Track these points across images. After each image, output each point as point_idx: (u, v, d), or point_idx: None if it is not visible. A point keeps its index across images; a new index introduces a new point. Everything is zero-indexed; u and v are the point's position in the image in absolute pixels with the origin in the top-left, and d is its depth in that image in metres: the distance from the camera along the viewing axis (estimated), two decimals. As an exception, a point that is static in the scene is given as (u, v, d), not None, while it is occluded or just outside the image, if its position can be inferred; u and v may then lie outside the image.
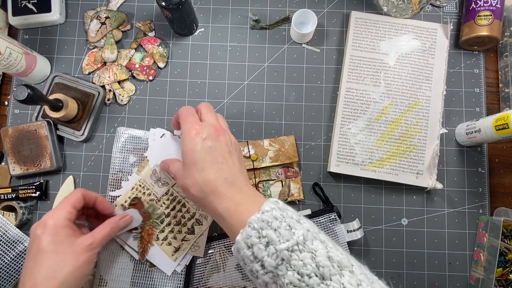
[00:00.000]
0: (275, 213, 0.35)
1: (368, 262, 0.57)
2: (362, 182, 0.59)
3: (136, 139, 0.57)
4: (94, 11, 0.62)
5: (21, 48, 0.56)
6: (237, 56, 0.62)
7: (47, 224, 0.41)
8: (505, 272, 0.54)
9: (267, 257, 0.33)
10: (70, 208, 0.43)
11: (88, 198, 0.47)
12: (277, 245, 0.33)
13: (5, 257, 0.51)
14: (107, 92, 0.60)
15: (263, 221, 0.34)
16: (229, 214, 0.38)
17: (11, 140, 0.57)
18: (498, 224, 0.53)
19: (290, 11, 0.63)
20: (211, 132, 0.42)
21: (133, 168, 0.56)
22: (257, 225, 0.34)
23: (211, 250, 0.55)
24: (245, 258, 0.34)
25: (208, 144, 0.41)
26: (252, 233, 0.34)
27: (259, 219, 0.34)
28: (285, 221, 0.34)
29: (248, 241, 0.34)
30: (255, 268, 0.33)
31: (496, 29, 0.57)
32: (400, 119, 0.58)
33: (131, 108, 0.61)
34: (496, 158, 0.60)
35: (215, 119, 0.45)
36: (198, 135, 0.41)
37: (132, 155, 0.57)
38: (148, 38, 0.62)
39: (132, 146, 0.57)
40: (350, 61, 0.60)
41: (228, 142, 0.43)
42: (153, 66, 0.61)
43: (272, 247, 0.33)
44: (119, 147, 0.57)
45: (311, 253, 0.32)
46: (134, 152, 0.57)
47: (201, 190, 0.40)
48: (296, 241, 0.33)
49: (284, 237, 0.33)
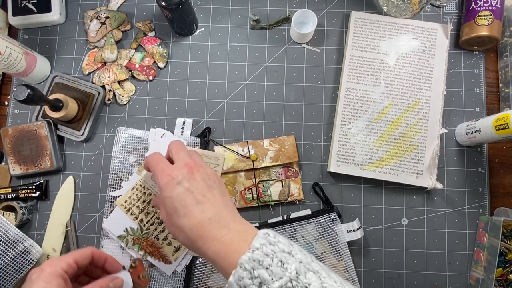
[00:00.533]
0: (266, 250, 0.34)
1: (368, 262, 0.57)
2: (362, 182, 0.59)
3: (136, 139, 0.57)
4: (94, 11, 0.62)
5: (21, 48, 0.56)
6: (237, 56, 0.62)
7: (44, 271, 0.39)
8: (505, 272, 0.54)
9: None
10: (72, 261, 0.41)
11: (98, 256, 0.44)
12: (270, 284, 0.32)
13: (5, 257, 0.51)
14: (107, 92, 0.60)
15: (253, 260, 0.33)
16: (220, 258, 0.36)
17: (11, 140, 0.57)
18: (498, 224, 0.53)
19: (290, 11, 0.63)
20: (185, 173, 0.40)
21: (133, 168, 0.56)
22: (248, 266, 0.33)
23: None
24: None
25: (185, 186, 0.40)
26: (244, 274, 0.33)
27: (250, 258, 0.33)
28: (277, 257, 0.33)
29: (241, 283, 0.33)
30: None
31: (496, 29, 0.57)
32: (400, 119, 0.58)
33: (131, 108, 0.61)
34: (496, 158, 0.60)
35: (188, 156, 0.43)
36: (172, 180, 0.40)
37: (132, 155, 0.57)
38: (148, 38, 0.62)
39: (132, 146, 0.57)
40: (350, 61, 0.60)
41: (205, 177, 0.41)
42: (153, 66, 0.61)
43: (265, 287, 0.32)
44: (119, 147, 0.57)
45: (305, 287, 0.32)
46: (134, 152, 0.57)
47: (187, 238, 0.39)
48: (289, 278, 0.32)
49: (277, 275, 0.32)
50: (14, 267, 0.51)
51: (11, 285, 0.52)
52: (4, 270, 0.51)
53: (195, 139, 0.58)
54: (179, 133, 0.58)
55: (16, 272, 0.52)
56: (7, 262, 0.51)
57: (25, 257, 0.52)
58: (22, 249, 0.52)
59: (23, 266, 0.52)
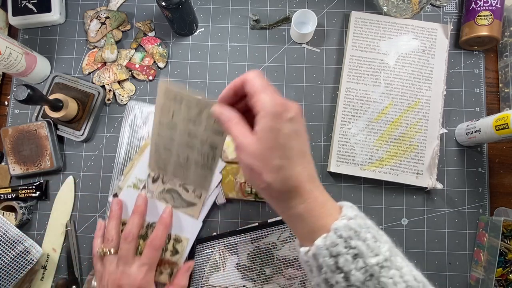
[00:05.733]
0: (360, 221, 0.31)
1: (368, 262, 0.57)
2: (362, 182, 0.59)
3: (146, 114, 0.58)
4: (94, 11, 0.62)
5: (21, 48, 0.56)
6: (237, 56, 0.62)
7: None
8: (505, 272, 0.54)
9: (355, 270, 0.30)
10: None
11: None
12: (367, 259, 0.30)
13: (5, 257, 0.51)
14: (107, 92, 0.60)
15: (350, 229, 0.30)
16: (312, 216, 0.33)
17: (11, 140, 0.57)
18: (498, 224, 0.53)
19: (290, 11, 0.63)
20: (298, 112, 0.34)
21: (141, 142, 0.57)
22: (345, 234, 0.30)
23: (210, 250, 0.55)
24: (325, 266, 0.31)
25: (295, 127, 0.33)
26: (338, 241, 0.30)
27: (346, 226, 0.31)
28: (370, 232, 0.31)
29: (334, 250, 0.30)
30: (335, 279, 0.30)
31: (496, 29, 0.57)
32: (400, 119, 0.58)
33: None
34: (496, 158, 0.60)
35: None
36: (286, 112, 0.32)
37: (141, 130, 0.58)
38: (148, 38, 0.62)
39: (142, 121, 0.58)
40: (350, 61, 0.60)
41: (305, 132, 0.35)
42: (153, 66, 0.61)
43: (361, 260, 0.30)
44: (130, 119, 0.58)
45: (398, 271, 0.30)
46: (143, 127, 0.58)
47: (284, 182, 0.32)
48: (385, 257, 0.30)
49: (374, 250, 0.30)
50: (14, 267, 0.51)
51: (11, 285, 0.51)
52: (4, 270, 0.51)
53: None
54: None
55: (16, 272, 0.52)
56: (7, 262, 0.51)
57: (25, 257, 0.52)
58: (22, 249, 0.52)
59: (23, 266, 0.52)
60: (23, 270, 0.52)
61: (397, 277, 0.30)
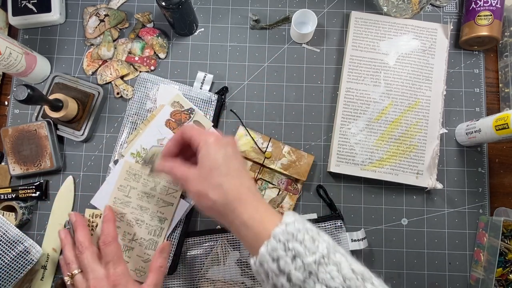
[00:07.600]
0: (298, 226, 0.34)
1: (368, 262, 0.57)
2: (362, 182, 0.59)
3: (156, 87, 0.59)
4: (94, 8, 0.62)
5: (21, 48, 0.56)
6: (237, 56, 0.62)
7: None
8: (505, 272, 0.54)
9: (295, 270, 0.32)
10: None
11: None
12: (304, 258, 0.32)
13: (5, 257, 0.51)
14: (114, 87, 0.60)
15: (288, 233, 0.33)
16: (255, 223, 0.36)
17: (11, 140, 0.57)
18: (498, 224, 0.53)
19: (290, 11, 0.63)
20: (231, 141, 0.41)
21: (148, 114, 0.58)
22: (283, 238, 0.33)
23: (213, 242, 0.55)
24: (270, 271, 0.33)
25: (230, 151, 0.40)
26: (278, 245, 0.33)
27: (284, 231, 0.33)
28: (308, 234, 0.34)
29: (274, 254, 0.33)
30: (280, 282, 0.33)
31: (496, 29, 0.57)
32: (400, 119, 0.58)
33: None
34: (496, 158, 0.60)
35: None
36: (221, 140, 0.40)
37: (149, 101, 0.59)
38: (147, 29, 0.62)
39: (153, 93, 0.59)
40: (350, 61, 0.60)
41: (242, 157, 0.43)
42: (153, 57, 0.61)
43: (299, 260, 0.32)
44: (141, 91, 0.59)
45: (336, 266, 0.32)
46: (152, 99, 0.59)
47: (224, 195, 0.37)
48: (322, 254, 0.32)
49: (310, 250, 0.33)
50: (14, 267, 0.51)
51: (11, 285, 0.51)
52: (4, 270, 0.51)
53: (213, 95, 0.59)
54: (199, 87, 0.59)
55: (16, 272, 0.51)
56: (7, 262, 0.51)
57: (25, 257, 0.52)
58: (22, 249, 0.52)
59: (23, 266, 0.52)
60: (23, 270, 0.52)
61: (335, 272, 0.32)
